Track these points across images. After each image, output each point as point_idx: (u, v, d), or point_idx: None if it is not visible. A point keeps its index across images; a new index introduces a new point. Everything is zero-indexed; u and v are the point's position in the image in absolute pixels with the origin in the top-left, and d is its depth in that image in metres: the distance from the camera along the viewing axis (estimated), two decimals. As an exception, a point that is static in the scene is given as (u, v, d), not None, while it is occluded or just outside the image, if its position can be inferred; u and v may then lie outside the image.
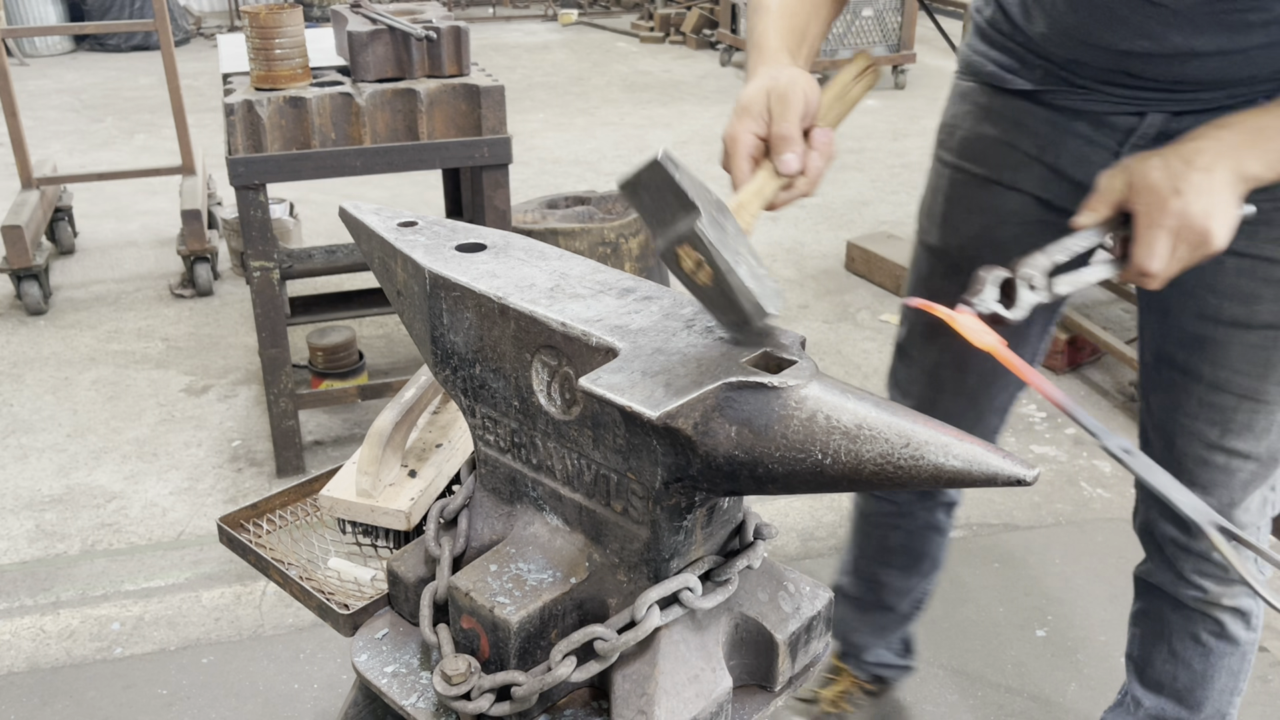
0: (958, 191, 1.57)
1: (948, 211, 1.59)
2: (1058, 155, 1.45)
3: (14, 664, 2.36)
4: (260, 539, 1.48)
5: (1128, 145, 1.38)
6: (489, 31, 9.84)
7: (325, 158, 2.68)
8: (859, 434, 0.90)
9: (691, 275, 1.01)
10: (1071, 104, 1.41)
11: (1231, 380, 1.45)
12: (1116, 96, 1.37)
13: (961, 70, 1.58)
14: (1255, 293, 1.39)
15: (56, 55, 8.86)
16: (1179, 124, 1.33)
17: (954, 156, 1.58)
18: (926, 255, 1.66)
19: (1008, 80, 1.47)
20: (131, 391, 3.54)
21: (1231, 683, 1.69)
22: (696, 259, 0.99)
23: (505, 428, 1.17)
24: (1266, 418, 1.46)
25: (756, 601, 1.15)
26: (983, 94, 1.52)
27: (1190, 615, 1.64)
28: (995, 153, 1.51)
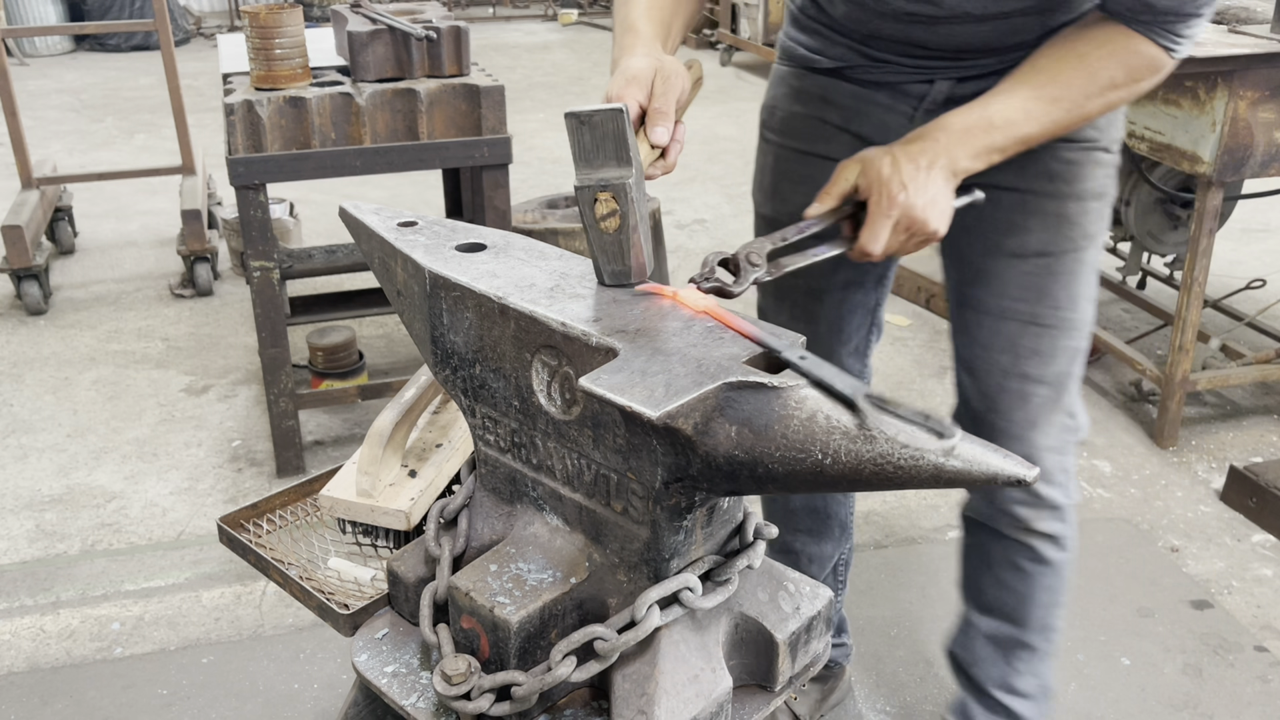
0: (782, 166, 1.73)
1: (776, 184, 1.75)
2: (862, 124, 1.62)
3: (14, 664, 2.36)
4: (260, 539, 1.48)
5: (920, 110, 1.56)
6: (489, 31, 9.84)
7: (325, 158, 2.68)
8: (859, 434, 0.90)
9: (599, 219, 1.11)
10: (871, 77, 1.59)
11: (1013, 308, 1.61)
12: (909, 67, 1.54)
13: (779, 57, 1.75)
14: (1025, 224, 1.56)
15: (56, 55, 8.86)
16: (963, 89, 1.51)
17: (776, 135, 1.74)
18: (763, 226, 1.80)
19: (816, 61, 1.64)
20: (131, 391, 3.54)
21: (1050, 598, 1.84)
22: (612, 208, 1.10)
23: (505, 428, 1.17)
24: (1050, 342, 1.61)
25: (756, 601, 1.15)
26: (795, 76, 1.69)
27: (1009, 545, 1.77)
28: (809, 128, 1.68)
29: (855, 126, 1.62)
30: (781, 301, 1.83)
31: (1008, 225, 1.57)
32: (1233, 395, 3.50)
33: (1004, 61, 1.46)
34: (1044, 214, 1.55)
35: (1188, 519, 2.87)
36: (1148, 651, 2.39)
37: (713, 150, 6.17)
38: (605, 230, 1.12)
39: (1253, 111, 2.73)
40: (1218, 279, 4.10)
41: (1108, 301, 4.14)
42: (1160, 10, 1.29)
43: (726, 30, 8.24)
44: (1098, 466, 3.10)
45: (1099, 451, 3.18)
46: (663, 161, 1.24)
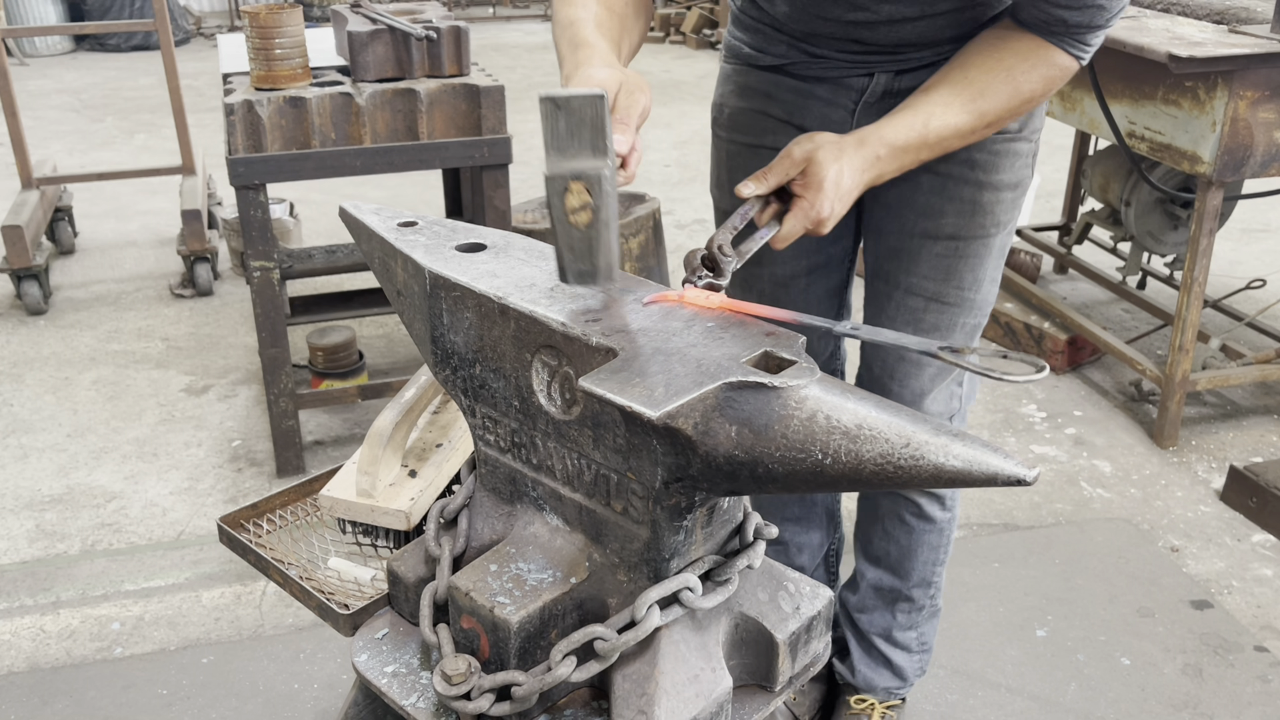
0: (734, 161, 1.78)
1: (730, 178, 1.78)
2: (805, 118, 1.67)
3: (14, 664, 2.36)
4: (260, 539, 1.48)
5: (861, 102, 1.62)
6: (489, 31, 9.84)
7: (325, 158, 2.68)
8: (859, 434, 0.90)
9: (569, 211, 1.05)
10: (811, 73, 1.64)
11: (920, 285, 1.71)
12: (849, 62, 1.59)
13: (724, 55, 1.80)
14: (941, 208, 1.64)
15: (56, 55, 8.86)
16: (900, 81, 1.58)
17: (726, 131, 1.79)
18: (722, 219, 1.85)
19: (759, 58, 1.69)
20: (131, 391, 3.54)
21: (932, 555, 1.95)
22: (585, 201, 1.04)
23: (505, 428, 1.17)
24: (949, 319, 1.72)
25: (756, 601, 1.15)
26: (740, 73, 1.74)
27: (895, 499, 1.89)
28: (755, 122, 1.73)
29: (798, 120, 1.68)
30: (749, 292, 1.86)
31: (925, 207, 1.65)
32: (1233, 395, 3.50)
33: (939, 54, 1.54)
34: (960, 200, 1.63)
35: (1188, 519, 2.87)
36: (1148, 651, 2.39)
37: (713, 150, 6.17)
38: (575, 225, 1.05)
39: (1252, 111, 2.73)
40: (1218, 279, 4.10)
41: (1108, 301, 4.14)
42: (1073, 24, 1.38)
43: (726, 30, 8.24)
44: (1098, 466, 3.10)
45: (1099, 451, 3.18)
46: (623, 171, 1.22)
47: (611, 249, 1.07)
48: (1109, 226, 3.72)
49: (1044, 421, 3.36)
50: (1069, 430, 3.31)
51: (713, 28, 8.95)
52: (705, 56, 8.72)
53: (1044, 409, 3.42)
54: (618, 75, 1.24)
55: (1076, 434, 3.29)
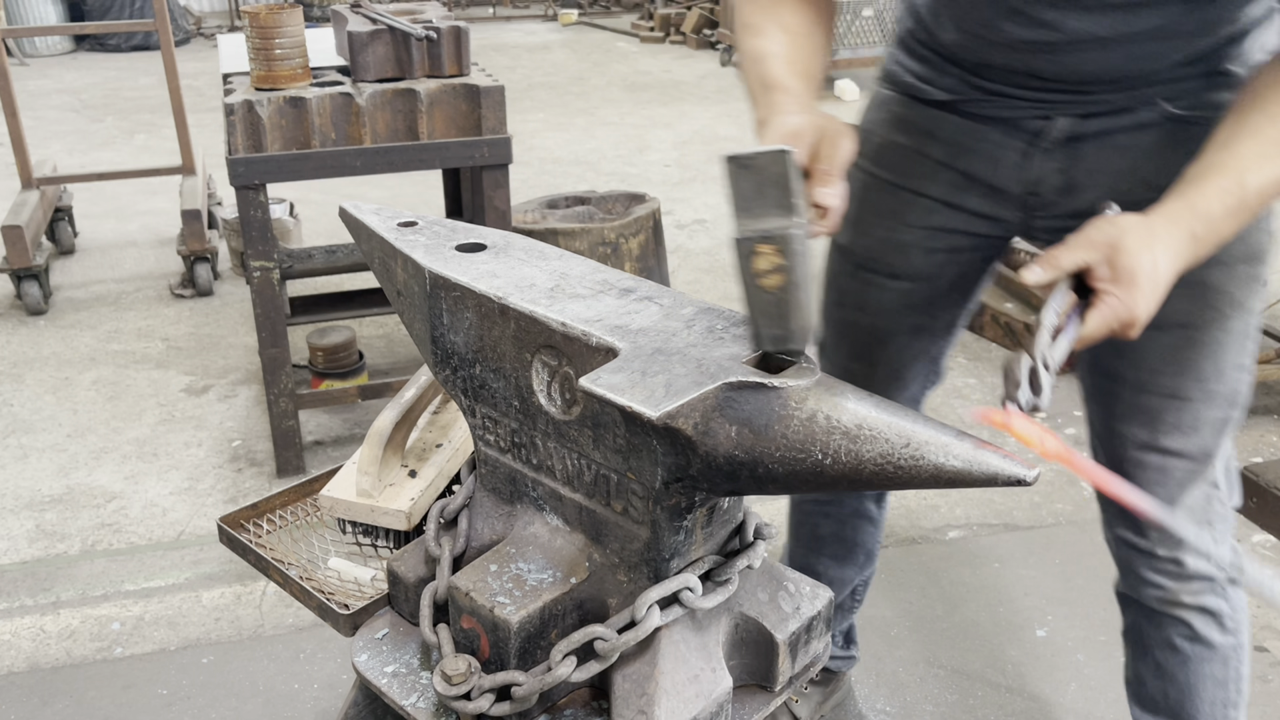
0: (869, 196, 1.62)
1: (859, 214, 1.62)
2: (970, 161, 1.50)
3: (14, 664, 2.36)
4: (260, 539, 1.48)
5: (1036, 148, 1.44)
6: (489, 31, 9.84)
7: (325, 158, 2.68)
8: (859, 434, 0.90)
9: (758, 274, 0.98)
10: (983, 111, 1.47)
11: (1153, 381, 1.49)
12: (1025, 100, 1.42)
13: (881, 79, 1.63)
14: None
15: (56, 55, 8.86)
16: (1085, 126, 1.39)
17: (868, 162, 1.62)
18: (837, 253, 1.72)
19: (924, 91, 1.52)
20: (131, 391, 3.54)
21: (1220, 693, 1.67)
22: (776, 264, 0.97)
23: (505, 428, 1.17)
24: (1192, 414, 1.49)
25: (756, 601, 1.15)
26: (899, 104, 1.57)
27: (1161, 620, 1.64)
28: (906, 160, 1.57)
29: (962, 164, 1.51)
30: (841, 339, 1.74)
31: None
32: (1233, 395, 3.50)
33: (1133, 99, 1.35)
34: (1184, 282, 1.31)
35: (1188, 519, 2.87)
36: (1148, 651, 2.39)
37: (713, 150, 6.17)
38: (765, 288, 0.98)
39: (1253, 111, 2.73)
40: (1218, 279, 4.10)
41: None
42: None
43: (727, 30, 8.23)
44: (1098, 466, 3.10)
45: (1099, 451, 3.18)
46: (824, 222, 1.13)
47: (807, 311, 0.99)
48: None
49: (1044, 421, 3.36)
50: (1069, 430, 3.31)
51: (713, 28, 8.95)
52: (705, 56, 8.71)
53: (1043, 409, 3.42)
54: (815, 122, 1.16)
55: (1077, 434, 3.29)
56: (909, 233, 1.60)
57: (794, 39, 1.32)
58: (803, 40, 1.33)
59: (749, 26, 1.36)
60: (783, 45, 1.30)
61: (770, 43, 1.31)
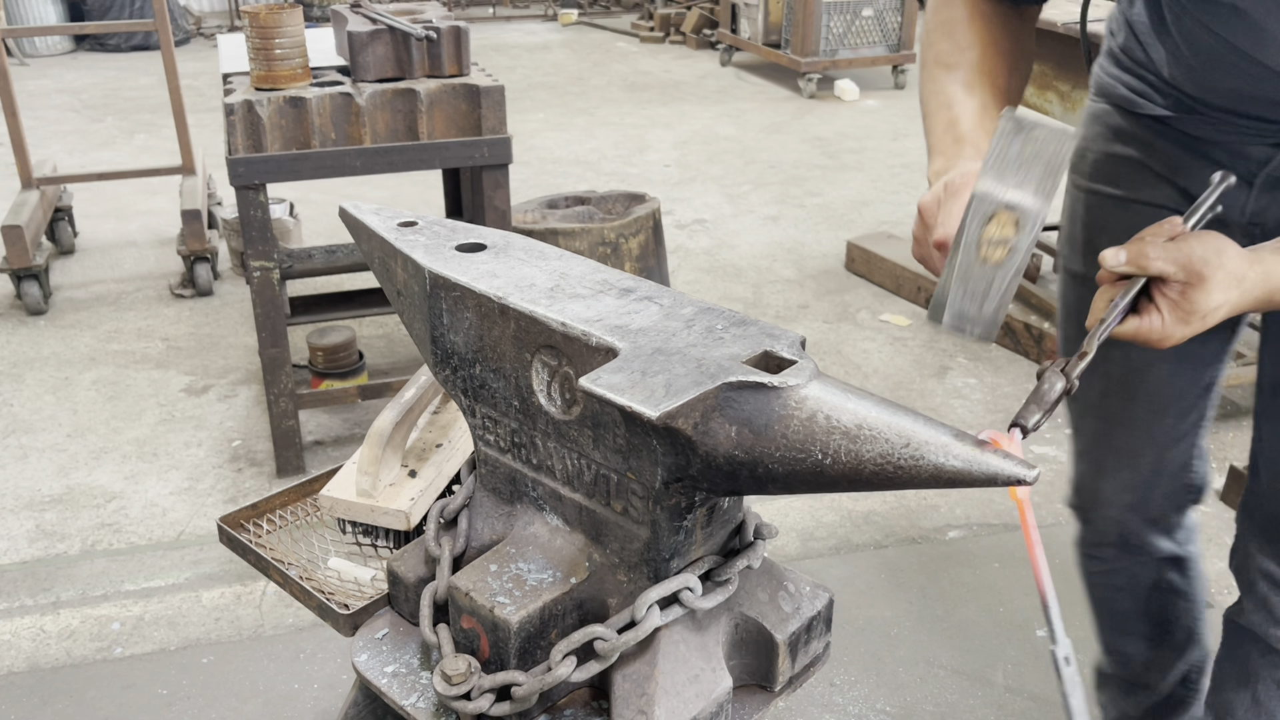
0: (1095, 216, 1.54)
1: (1089, 237, 1.55)
2: (1190, 180, 1.42)
3: (14, 664, 2.36)
4: (260, 539, 1.48)
5: (1263, 174, 1.35)
6: (489, 31, 9.84)
7: (325, 158, 2.68)
8: (859, 434, 0.90)
9: (983, 241, 0.92)
10: (1204, 133, 1.38)
11: None
12: (1250, 130, 1.33)
13: (1095, 93, 1.56)
14: None
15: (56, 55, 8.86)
16: None
17: (1087, 180, 1.55)
18: (1073, 284, 1.61)
19: (1140, 105, 1.45)
20: (131, 391, 3.54)
21: None
22: (1008, 236, 0.91)
23: (505, 428, 1.17)
24: None
25: (756, 601, 1.15)
26: (1115, 116, 1.50)
27: (1277, 662, 1.54)
28: (1129, 172, 1.49)
29: (1182, 181, 1.42)
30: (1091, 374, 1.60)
31: None
32: (1233, 395, 3.50)
33: None
34: None
35: (1188, 519, 2.87)
36: (1148, 651, 2.39)
37: (713, 150, 6.17)
38: (984, 259, 0.92)
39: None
40: (1218, 279, 4.10)
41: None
42: None
43: (726, 30, 8.24)
44: (1098, 466, 3.10)
45: (1099, 451, 3.18)
46: None
47: (1006, 303, 0.93)
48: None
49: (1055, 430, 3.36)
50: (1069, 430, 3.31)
51: (712, 28, 8.95)
52: (705, 56, 8.71)
53: (1044, 409, 3.42)
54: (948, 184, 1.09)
55: (1076, 434, 3.29)
56: None
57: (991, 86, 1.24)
58: (1000, 91, 1.26)
59: (942, 64, 1.28)
60: (979, 95, 1.23)
61: (965, 91, 1.23)
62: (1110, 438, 1.67)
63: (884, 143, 6.33)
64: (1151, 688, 1.89)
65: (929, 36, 1.33)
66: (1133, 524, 1.73)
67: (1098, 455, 1.71)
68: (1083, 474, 1.76)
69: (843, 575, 2.64)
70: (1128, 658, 1.88)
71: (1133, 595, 1.81)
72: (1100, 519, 1.76)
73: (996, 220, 0.92)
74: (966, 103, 1.22)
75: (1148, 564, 1.78)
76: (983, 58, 1.27)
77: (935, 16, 1.34)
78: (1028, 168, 0.93)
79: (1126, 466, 1.68)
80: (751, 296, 4.25)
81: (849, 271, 4.48)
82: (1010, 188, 0.92)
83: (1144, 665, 1.86)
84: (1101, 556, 1.81)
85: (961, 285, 0.94)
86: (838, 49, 7.27)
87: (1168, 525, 1.75)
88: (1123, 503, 1.71)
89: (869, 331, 3.92)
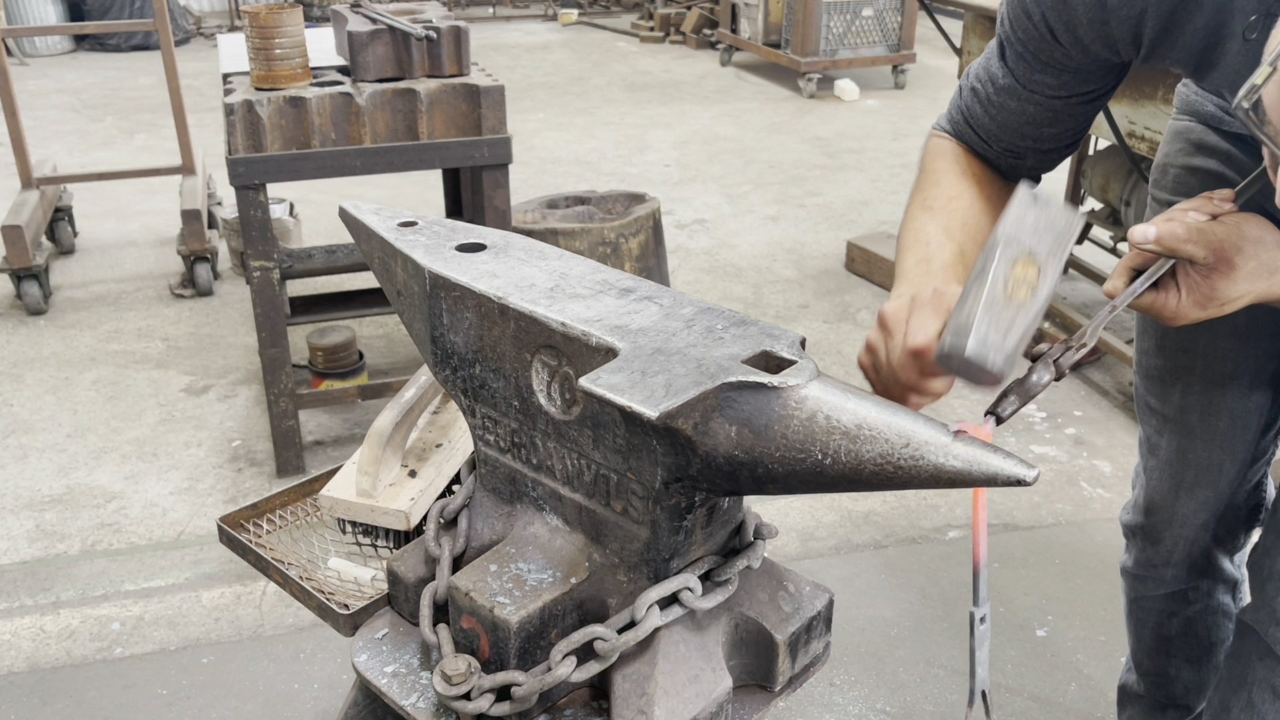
0: None
1: None
2: (1266, 198, 1.43)
3: (14, 664, 2.36)
4: (260, 539, 1.48)
5: None
6: (489, 31, 9.84)
7: (325, 158, 2.68)
8: (859, 434, 0.90)
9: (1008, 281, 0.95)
10: None
11: None
12: None
13: (1179, 110, 1.58)
14: None
15: (56, 55, 8.86)
16: None
17: (1168, 194, 1.56)
18: None
19: (1226, 121, 1.47)
20: (131, 391, 3.54)
21: None
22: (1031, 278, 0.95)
23: (505, 428, 1.17)
24: None
25: (756, 601, 1.15)
26: (1198, 131, 1.53)
27: (1275, 666, 1.52)
28: (1210, 184, 1.48)
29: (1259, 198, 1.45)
30: (1169, 387, 1.59)
31: None
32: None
33: None
34: None
35: (1188, 519, 2.87)
36: (1148, 651, 2.39)
37: (713, 150, 6.17)
38: (1010, 295, 0.95)
39: (1253, 111, 2.72)
40: (1218, 279, 4.10)
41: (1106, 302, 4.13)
42: None
43: (726, 30, 8.24)
44: (1098, 466, 3.10)
45: (1099, 451, 3.18)
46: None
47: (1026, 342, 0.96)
48: (1109, 226, 3.71)
49: (1044, 422, 3.36)
50: (1069, 430, 3.31)
51: (712, 28, 8.94)
52: (705, 56, 8.71)
53: (1044, 409, 3.42)
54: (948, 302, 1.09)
55: (1076, 434, 3.29)
56: None
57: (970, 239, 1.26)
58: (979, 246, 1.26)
59: (928, 208, 1.30)
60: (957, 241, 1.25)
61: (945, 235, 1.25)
62: (1191, 452, 1.64)
63: (884, 143, 6.33)
64: (1189, 709, 1.89)
65: (918, 183, 1.36)
66: (1202, 543, 1.72)
67: (1178, 470, 1.67)
68: (1158, 490, 1.72)
69: (843, 575, 2.64)
70: (1168, 679, 1.87)
71: (1185, 618, 1.80)
72: (1171, 538, 1.73)
73: (1021, 264, 0.96)
74: (944, 245, 1.24)
75: (1207, 588, 1.78)
76: (969, 212, 1.30)
77: (927, 165, 1.37)
78: (1040, 236, 0.98)
79: (1207, 484, 1.66)
80: (751, 296, 4.25)
81: (849, 271, 4.48)
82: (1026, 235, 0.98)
83: (1185, 688, 1.85)
84: (1162, 578, 1.78)
85: (988, 314, 0.95)
86: (838, 49, 7.27)
87: (1233, 546, 1.74)
88: (1198, 521, 1.70)
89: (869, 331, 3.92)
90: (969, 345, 0.94)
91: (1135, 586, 1.85)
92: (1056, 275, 0.97)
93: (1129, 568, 1.84)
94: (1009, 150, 1.34)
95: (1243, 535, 1.74)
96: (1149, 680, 1.92)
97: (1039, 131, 1.31)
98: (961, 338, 0.95)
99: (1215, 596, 1.78)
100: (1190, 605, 1.79)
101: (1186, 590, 1.78)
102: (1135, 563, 1.82)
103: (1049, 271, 0.96)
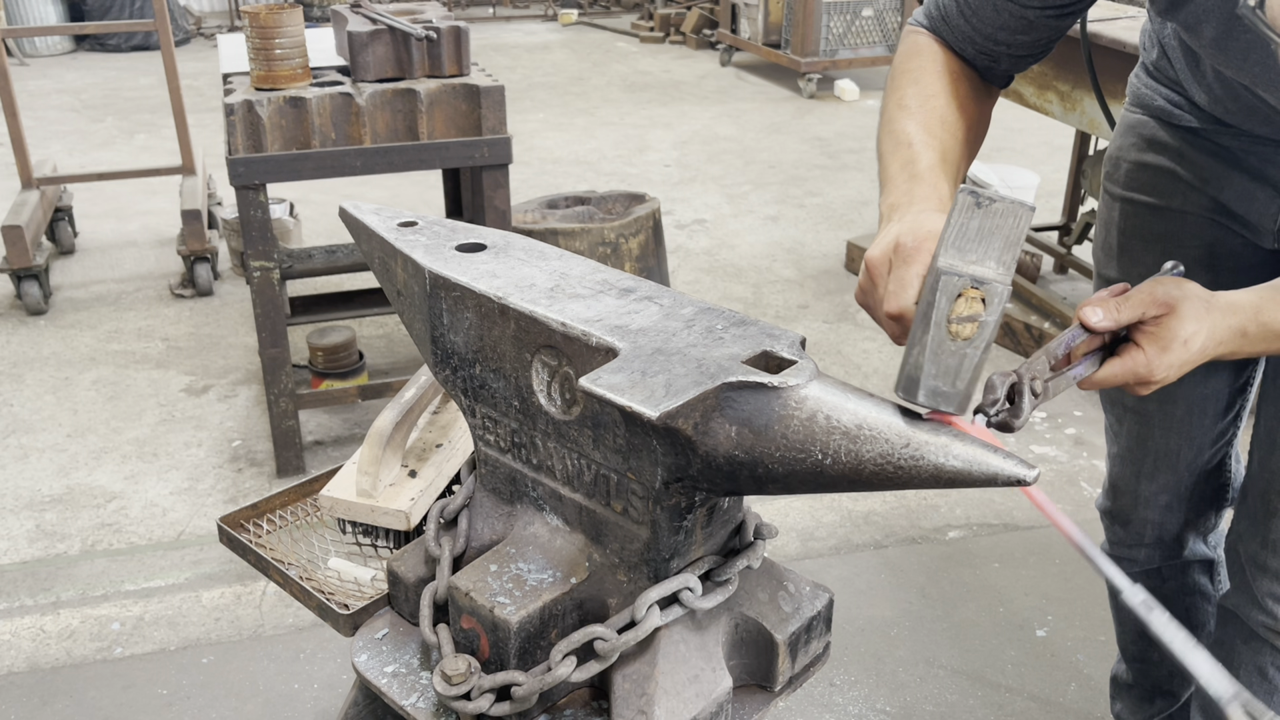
0: (1130, 223, 1.56)
1: (1123, 244, 1.58)
2: (1221, 189, 1.45)
3: (14, 664, 2.36)
4: (260, 539, 1.48)
5: None
6: (489, 31, 9.84)
7: (325, 158, 2.68)
8: (859, 434, 0.90)
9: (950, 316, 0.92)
10: (1235, 145, 1.42)
11: None
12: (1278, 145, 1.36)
13: (1130, 103, 1.59)
14: None
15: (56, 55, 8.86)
16: None
17: (1121, 189, 1.58)
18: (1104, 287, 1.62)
19: (1175, 116, 1.48)
20: (131, 391, 3.54)
21: None
22: (976, 313, 0.92)
23: (505, 428, 1.17)
24: None
25: (756, 601, 1.15)
26: (1150, 126, 1.54)
27: (1259, 648, 1.56)
28: (1162, 181, 1.52)
29: (1213, 190, 1.47)
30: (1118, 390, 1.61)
31: None
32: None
33: None
34: None
35: (1188, 519, 2.87)
36: (1148, 651, 2.39)
37: (713, 150, 6.17)
38: (953, 335, 0.92)
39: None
40: (1218, 279, 4.09)
41: (1108, 301, 4.13)
42: None
43: (726, 30, 8.24)
44: (1098, 466, 3.10)
45: (1099, 451, 3.18)
46: None
47: (978, 377, 0.93)
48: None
49: (1044, 422, 3.36)
50: (1069, 430, 3.31)
51: (712, 28, 8.95)
52: (705, 56, 8.71)
53: (1044, 409, 3.42)
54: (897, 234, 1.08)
55: (1076, 434, 3.29)
56: (1185, 252, 1.52)
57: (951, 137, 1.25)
58: (959, 144, 1.27)
59: (905, 107, 1.29)
60: (939, 140, 1.23)
61: (926, 134, 1.24)
62: (1149, 439, 1.69)
63: (884, 143, 6.32)
64: (1174, 695, 1.91)
65: (894, 82, 1.34)
66: (1171, 525, 1.76)
67: (1138, 457, 1.73)
68: (1121, 475, 1.78)
69: (843, 575, 2.64)
70: (1151, 664, 1.89)
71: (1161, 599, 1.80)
72: (1139, 520, 1.78)
73: (965, 297, 0.92)
74: (926, 144, 1.22)
75: (1180, 566, 1.81)
76: (947, 108, 1.29)
77: (903, 64, 1.36)
78: (988, 241, 0.93)
79: (1166, 468, 1.71)
80: (751, 296, 4.25)
81: (849, 271, 4.48)
82: (972, 263, 0.93)
83: (1169, 673, 1.88)
84: (1135, 559, 1.82)
85: (934, 364, 0.93)
86: (838, 49, 7.27)
87: (1204, 527, 1.78)
88: (1161, 504, 1.74)
89: (869, 331, 3.92)
90: (920, 398, 0.94)
91: None
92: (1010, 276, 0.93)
93: (1106, 551, 1.88)
94: (983, 52, 1.34)
95: (1213, 516, 1.78)
96: (1135, 667, 1.95)
97: (1012, 38, 1.32)
98: (912, 392, 0.94)
99: (1190, 576, 1.82)
100: (1165, 583, 1.82)
101: (1160, 568, 1.82)
102: (1110, 545, 1.86)
103: (998, 288, 0.92)
